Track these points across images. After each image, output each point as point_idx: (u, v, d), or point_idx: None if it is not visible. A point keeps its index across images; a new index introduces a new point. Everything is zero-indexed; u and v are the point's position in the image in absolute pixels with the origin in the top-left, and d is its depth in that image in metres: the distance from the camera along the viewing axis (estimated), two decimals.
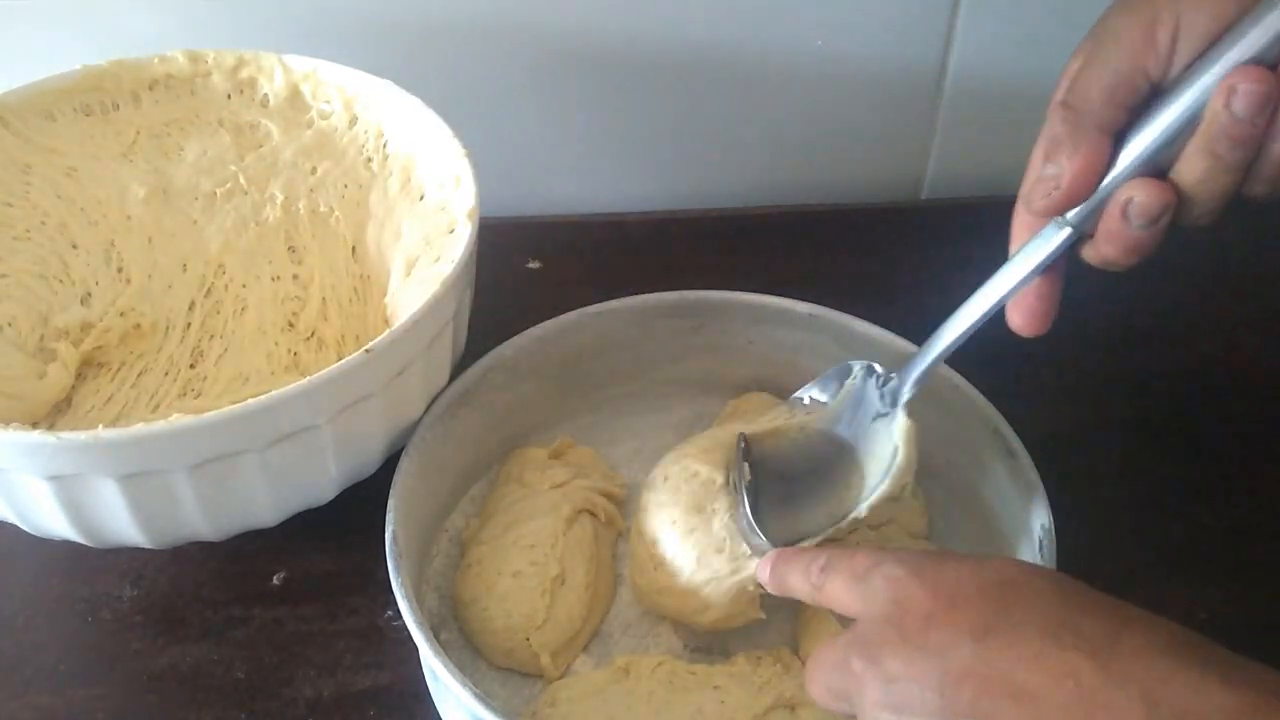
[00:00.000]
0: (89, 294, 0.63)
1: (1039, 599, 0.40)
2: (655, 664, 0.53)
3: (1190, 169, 0.42)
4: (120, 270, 0.64)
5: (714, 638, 0.57)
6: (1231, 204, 0.45)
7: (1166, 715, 0.36)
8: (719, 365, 0.66)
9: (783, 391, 0.65)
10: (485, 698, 0.46)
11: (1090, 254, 0.46)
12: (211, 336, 0.64)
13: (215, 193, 0.67)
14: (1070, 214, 0.45)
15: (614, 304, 0.63)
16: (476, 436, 0.61)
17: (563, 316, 0.62)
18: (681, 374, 0.66)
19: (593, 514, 0.60)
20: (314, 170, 0.67)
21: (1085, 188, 0.44)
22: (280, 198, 0.67)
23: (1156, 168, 0.43)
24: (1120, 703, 0.36)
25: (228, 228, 0.66)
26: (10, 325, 0.60)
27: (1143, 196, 0.43)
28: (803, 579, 0.47)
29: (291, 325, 0.64)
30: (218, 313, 0.64)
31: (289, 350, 0.64)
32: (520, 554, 0.56)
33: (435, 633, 0.50)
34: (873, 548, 0.49)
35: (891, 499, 0.53)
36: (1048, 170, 0.44)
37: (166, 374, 0.63)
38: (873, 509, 0.52)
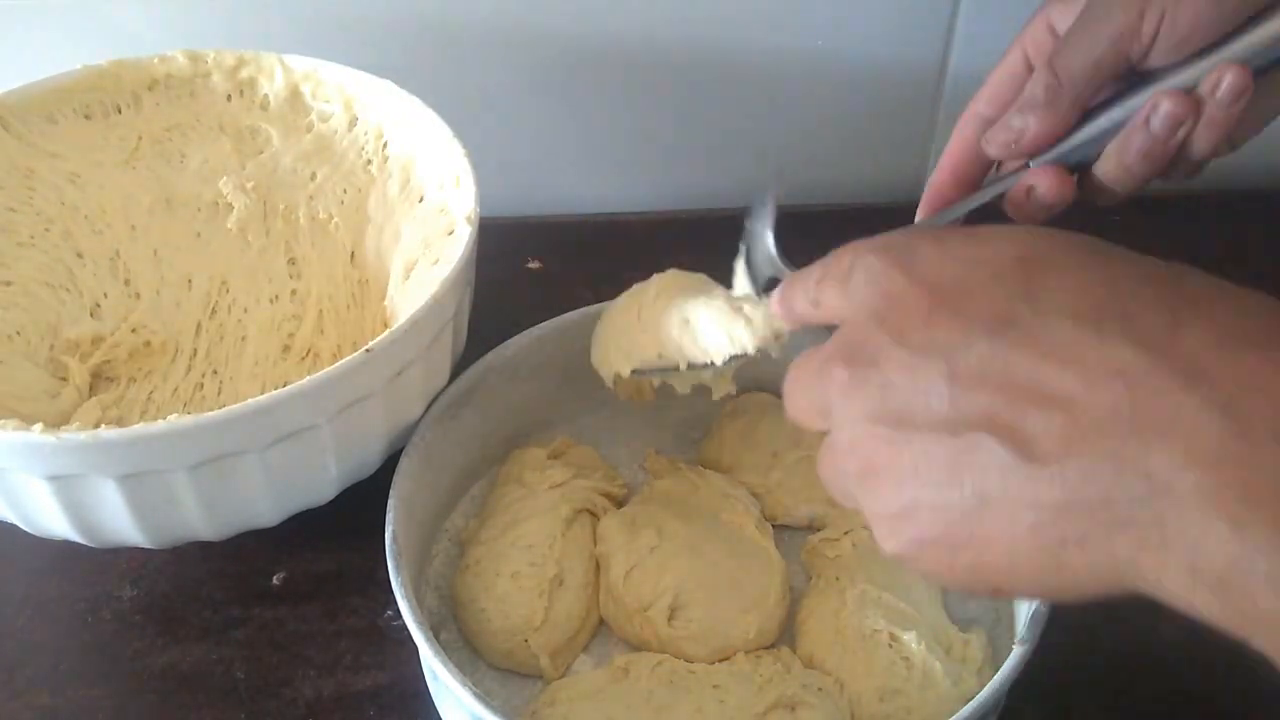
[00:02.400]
0: (98, 305, 0.63)
1: (1072, 278, 0.31)
2: (655, 663, 0.53)
3: (1106, 168, 0.47)
4: (128, 283, 0.64)
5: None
6: (1230, 204, 0.47)
7: (1260, 429, 0.26)
8: None
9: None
10: (485, 697, 0.46)
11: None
12: (214, 370, 0.64)
13: (217, 203, 0.67)
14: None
15: None
16: (476, 436, 0.61)
17: (563, 316, 0.62)
18: None
19: (592, 514, 0.60)
20: (313, 176, 0.67)
21: (1041, 148, 0.47)
22: (281, 207, 0.67)
23: (1097, 149, 0.47)
24: (1190, 409, 0.27)
25: (230, 243, 0.66)
26: (19, 334, 0.60)
27: (1044, 187, 0.47)
28: (804, 298, 0.40)
29: (287, 348, 0.65)
30: (221, 340, 0.65)
31: (284, 382, 0.63)
32: (518, 555, 0.56)
33: (435, 633, 0.50)
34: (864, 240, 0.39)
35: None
36: (1014, 122, 0.47)
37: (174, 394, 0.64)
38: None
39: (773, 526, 0.60)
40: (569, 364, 0.63)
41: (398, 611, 0.50)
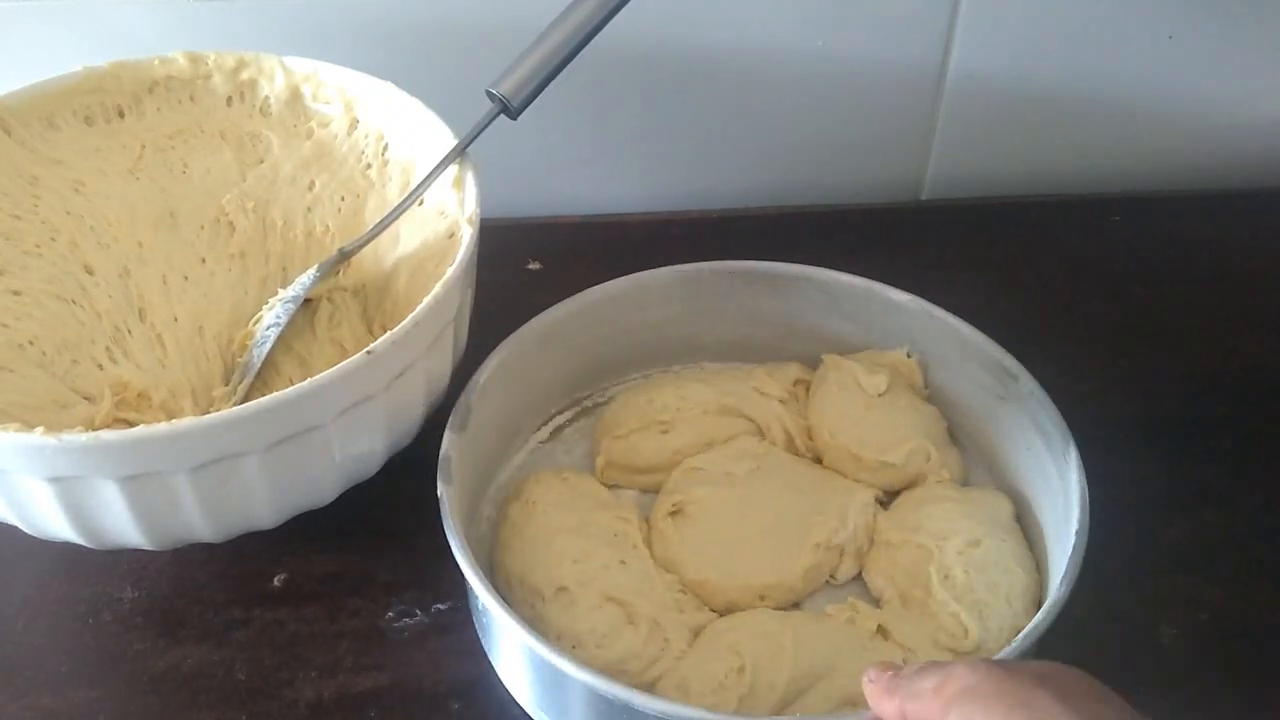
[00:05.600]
0: (118, 329, 0.63)
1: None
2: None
3: None
4: (142, 315, 0.64)
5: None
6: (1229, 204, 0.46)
7: None
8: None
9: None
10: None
11: None
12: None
13: (219, 220, 0.67)
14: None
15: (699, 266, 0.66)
16: (550, 374, 0.65)
17: (650, 272, 0.66)
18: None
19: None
20: (311, 185, 0.67)
21: None
22: (279, 223, 0.67)
23: None
24: None
25: (233, 277, 0.67)
26: (33, 344, 0.60)
27: None
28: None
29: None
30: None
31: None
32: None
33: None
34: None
35: None
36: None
37: None
38: None
39: None
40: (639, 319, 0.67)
41: (399, 613, 0.50)
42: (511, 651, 0.52)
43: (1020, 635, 0.50)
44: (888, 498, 0.62)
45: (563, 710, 0.51)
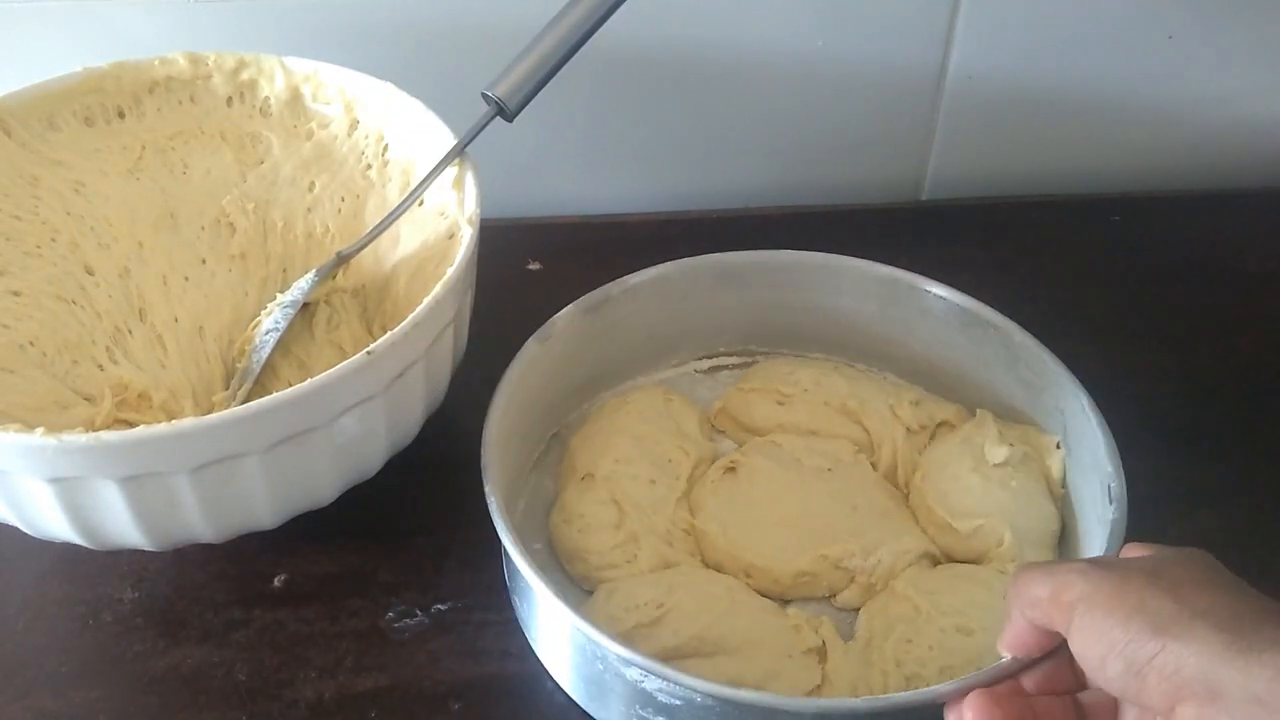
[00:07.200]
0: (118, 330, 0.63)
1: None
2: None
3: None
4: (142, 315, 0.64)
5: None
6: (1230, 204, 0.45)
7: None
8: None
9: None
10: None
11: None
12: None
13: (219, 221, 0.67)
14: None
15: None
16: (610, 343, 0.66)
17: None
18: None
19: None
20: (312, 186, 0.67)
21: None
22: (279, 224, 0.67)
23: None
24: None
25: (234, 278, 0.67)
26: (33, 344, 0.60)
27: None
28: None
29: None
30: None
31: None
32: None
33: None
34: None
35: None
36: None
37: None
38: None
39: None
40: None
41: (399, 613, 0.50)
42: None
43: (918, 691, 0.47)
44: (946, 561, 0.60)
45: (520, 592, 0.56)
